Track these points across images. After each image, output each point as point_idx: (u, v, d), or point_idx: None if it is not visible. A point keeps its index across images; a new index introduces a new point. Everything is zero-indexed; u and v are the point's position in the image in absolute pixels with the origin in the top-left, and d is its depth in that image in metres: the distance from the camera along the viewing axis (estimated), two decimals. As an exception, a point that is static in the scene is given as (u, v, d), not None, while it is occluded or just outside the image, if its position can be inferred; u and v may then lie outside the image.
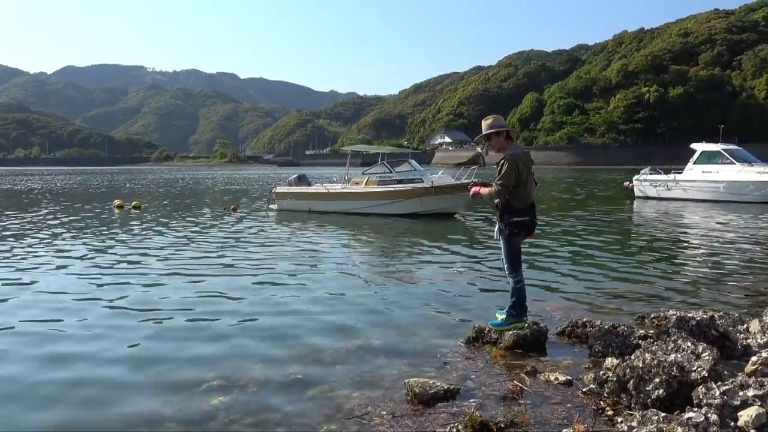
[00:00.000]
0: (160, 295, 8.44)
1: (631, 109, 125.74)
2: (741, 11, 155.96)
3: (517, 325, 5.78)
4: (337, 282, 9.29)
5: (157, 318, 7.18)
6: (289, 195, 22.10)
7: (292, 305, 7.77)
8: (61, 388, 5.05)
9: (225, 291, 8.61)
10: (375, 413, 4.33)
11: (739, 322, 5.78)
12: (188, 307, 7.73)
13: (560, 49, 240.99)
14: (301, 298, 8.20)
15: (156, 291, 8.68)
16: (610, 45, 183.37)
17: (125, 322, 7.03)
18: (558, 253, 11.81)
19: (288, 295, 8.31)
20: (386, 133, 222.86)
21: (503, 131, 5.81)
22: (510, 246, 5.78)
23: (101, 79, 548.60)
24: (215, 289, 8.74)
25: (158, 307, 7.72)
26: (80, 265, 10.95)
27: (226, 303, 7.94)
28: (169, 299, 8.16)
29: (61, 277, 9.86)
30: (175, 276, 9.82)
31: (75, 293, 8.53)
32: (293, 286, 8.94)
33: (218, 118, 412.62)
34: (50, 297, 8.33)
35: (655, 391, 4.05)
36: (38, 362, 5.67)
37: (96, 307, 7.76)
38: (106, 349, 6.04)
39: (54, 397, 4.88)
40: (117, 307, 7.73)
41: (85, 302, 8.01)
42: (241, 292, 8.50)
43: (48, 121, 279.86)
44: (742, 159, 25.38)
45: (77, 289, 8.85)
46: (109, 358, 5.78)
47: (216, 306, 7.78)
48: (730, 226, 16.75)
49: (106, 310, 7.62)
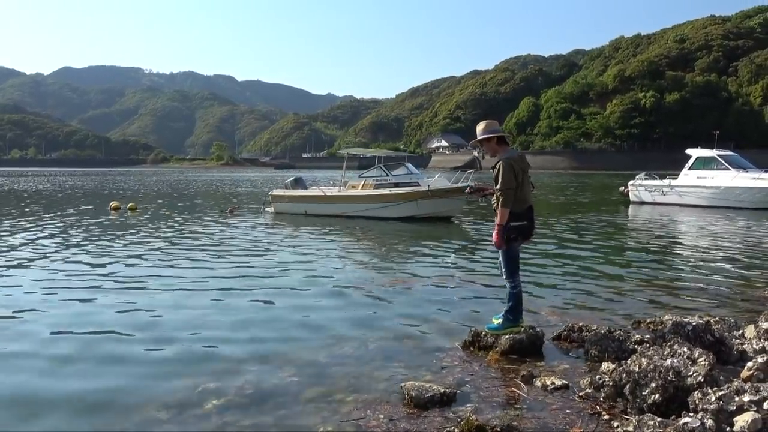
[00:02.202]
0: (153, 297, 8.41)
1: (628, 115, 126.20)
2: (737, 18, 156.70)
3: (513, 329, 5.78)
4: (333, 285, 9.27)
5: (151, 320, 7.15)
6: (286, 198, 22.10)
7: (286, 308, 7.75)
8: (57, 391, 5.03)
9: (219, 294, 8.59)
10: (371, 416, 4.32)
11: (735, 327, 5.80)
12: (182, 309, 7.70)
13: (557, 54, 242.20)
14: (296, 301, 8.18)
15: (148, 293, 8.65)
16: (607, 50, 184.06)
17: (116, 324, 6.99)
18: (553, 258, 11.81)
19: (283, 299, 8.29)
20: (383, 136, 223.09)
21: (494, 137, 5.81)
22: (508, 251, 5.78)
23: (98, 80, 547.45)
24: (209, 292, 8.72)
25: (151, 309, 7.68)
26: (75, 266, 10.92)
27: (220, 306, 7.90)
28: (162, 301, 8.13)
29: (47, 274, 9.84)
30: (168, 278, 9.78)
31: (76, 292, 8.51)
32: (288, 290, 8.91)
33: (215, 121, 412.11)
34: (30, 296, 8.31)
35: (652, 395, 4.05)
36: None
37: (88, 307, 7.74)
38: (97, 351, 6.02)
39: (48, 401, 4.86)
40: (110, 308, 7.69)
41: (84, 301, 8.00)
42: (235, 296, 8.49)
43: (44, 122, 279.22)
44: (737, 165, 25.45)
45: (77, 287, 8.83)
46: (102, 360, 5.76)
47: (210, 309, 7.74)
48: (725, 231, 16.79)
49: (98, 310, 7.59)
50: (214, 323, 7.02)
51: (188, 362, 5.66)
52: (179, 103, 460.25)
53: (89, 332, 6.64)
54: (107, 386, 5.09)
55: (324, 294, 8.61)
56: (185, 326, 6.89)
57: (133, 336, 6.53)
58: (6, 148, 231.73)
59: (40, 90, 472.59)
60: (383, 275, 10.30)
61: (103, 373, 5.42)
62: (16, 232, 16.19)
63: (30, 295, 8.47)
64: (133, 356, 5.86)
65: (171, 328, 6.83)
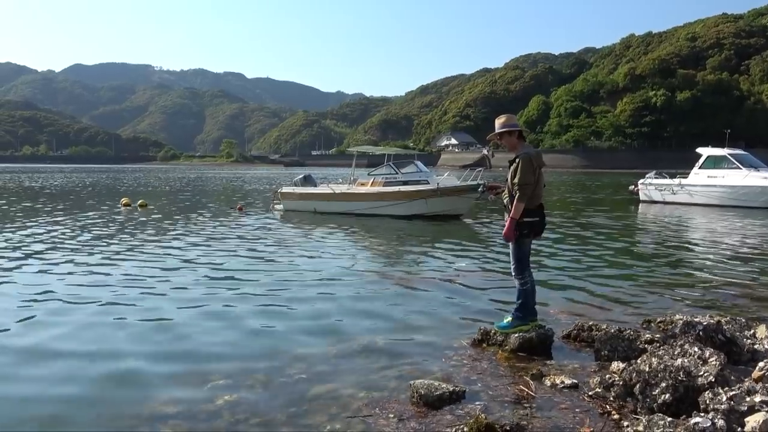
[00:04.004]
0: (163, 294, 8.44)
1: (638, 113, 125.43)
2: (749, 16, 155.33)
3: (522, 327, 5.77)
4: (343, 283, 9.28)
5: (161, 317, 7.18)
6: (295, 195, 22.14)
7: (296, 306, 7.77)
8: (64, 386, 5.07)
9: (229, 291, 8.62)
10: (380, 414, 4.33)
11: (746, 327, 5.76)
12: (192, 306, 7.74)
13: (567, 52, 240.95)
14: (305, 298, 8.20)
15: (158, 290, 8.68)
16: (618, 48, 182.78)
17: (126, 320, 7.03)
18: (563, 256, 11.78)
19: (292, 296, 8.31)
20: (392, 134, 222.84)
21: (515, 131, 5.81)
22: (518, 247, 5.77)
23: (109, 77, 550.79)
24: (219, 289, 8.76)
25: (161, 306, 7.73)
26: (88, 260, 10.97)
27: (230, 303, 7.92)
28: (173, 298, 8.17)
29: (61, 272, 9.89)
30: (177, 276, 9.84)
31: (75, 290, 8.57)
32: (297, 287, 8.92)
33: (225, 118, 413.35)
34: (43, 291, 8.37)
35: (662, 395, 4.04)
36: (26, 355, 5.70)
37: (94, 305, 7.78)
38: (107, 347, 6.06)
39: (57, 395, 4.90)
40: (118, 305, 7.74)
41: (93, 295, 8.05)
42: (244, 293, 8.50)
43: (55, 118, 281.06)
44: (748, 164, 25.26)
45: (77, 285, 8.89)
46: (112, 356, 5.80)
47: (220, 306, 7.77)
48: (735, 231, 16.69)
49: (107, 307, 7.63)
50: (223, 321, 7.04)
51: (198, 359, 5.68)
52: (189, 100, 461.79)
53: (96, 324, 6.70)
54: (117, 381, 5.13)
55: (332, 292, 8.61)
56: (194, 323, 6.93)
57: (143, 332, 6.57)
58: (17, 144, 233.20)
59: (51, 87, 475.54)
60: (391, 273, 10.30)
61: (114, 368, 5.45)
62: (23, 228, 16.27)
63: (42, 293, 8.53)
64: (144, 352, 5.89)
65: (180, 324, 6.86)
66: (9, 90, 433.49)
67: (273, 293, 8.50)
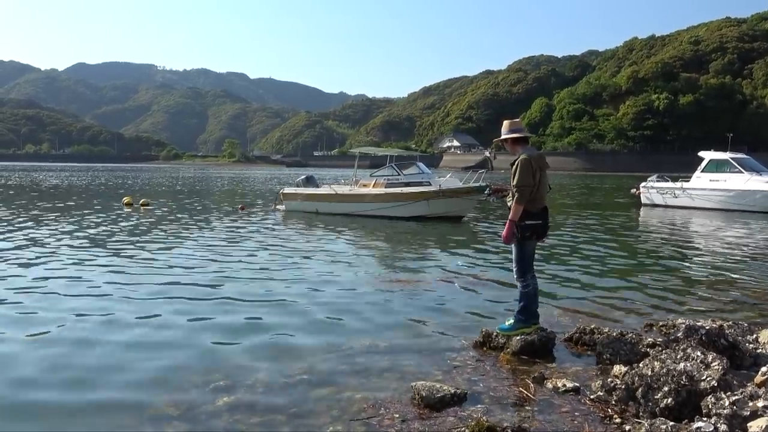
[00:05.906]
0: (165, 293, 8.43)
1: (641, 116, 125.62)
2: (753, 20, 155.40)
3: (524, 330, 5.76)
4: (344, 284, 9.27)
5: (162, 317, 7.18)
6: (297, 196, 22.14)
7: (297, 306, 7.76)
8: (61, 387, 5.07)
9: (230, 291, 8.61)
10: (382, 415, 4.32)
11: (749, 332, 5.75)
12: (193, 306, 7.74)
13: (570, 55, 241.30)
14: (306, 299, 8.18)
15: (160, 289, 8.67)
16: (621, 51, 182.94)
17: (126, 320, 7.02)
18: (565, 259, 11.77)
19: (294, 297, 8.30)
20: (395, 135, 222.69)
21: (517, 137, 5.83)
22: (521, 250, 5.77)
23: (112, 76, 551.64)
24: (220, 289, 8.75)
25: (163, 305, 7.72)
26: (88, 260, 10.98)
27: (230, 303, 7.92)
28: (174, 298, 8.16)
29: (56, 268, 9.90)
30: (179, 275, 9.83)
31: (77, 289, 8.57)
32: (299, 288, 8.91)
33: (227, 118, 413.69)
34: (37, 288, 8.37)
35: (664, 399, 4.03)
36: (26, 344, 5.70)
37: (99, 302, 7.78)
38: (107, 347, 6.06)
39: (56, 398, 4.89)
40: (119, 302, 7.73)
41: (93, 294, 8.05)
42: (245, 293, 8.49)
43: (58, 117, 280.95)
44: (750, 168, 25.20)
45: (93, 280, 8.89)
46: (113, 357, 5.79)
47: (220, 306, 7.76)
48: (737, 235, 16.66)
49: (107, 304, 7.63)
50: (224, 321, 7.03)
51: (199, 359, 5.67)
52: (192, 100, 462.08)
53: (100, 323, 6.69)
54: (118, 382, 5.12)
55: (334, 293, 8.60)
56: (195, 323, 6.91)
57: (144, 332, 6.56)
58: (20, 142, 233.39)
59: (54, 86, 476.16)
60: (393, 274, 10.29)
61: (115, 369, 5.44)
62: (23, 228, 16.28)
63: (43, 290, 8.53)
64: (145, 352, 5.87)
65: (181, 325, 6.84)
66: (12, 88, 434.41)
67: (273, 293, 8.49)
